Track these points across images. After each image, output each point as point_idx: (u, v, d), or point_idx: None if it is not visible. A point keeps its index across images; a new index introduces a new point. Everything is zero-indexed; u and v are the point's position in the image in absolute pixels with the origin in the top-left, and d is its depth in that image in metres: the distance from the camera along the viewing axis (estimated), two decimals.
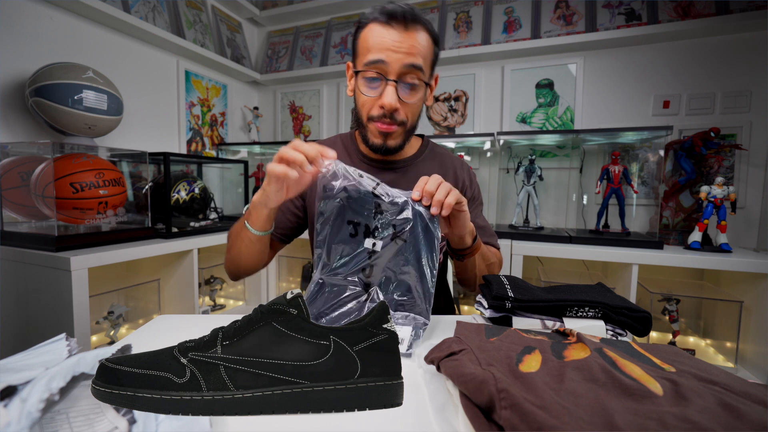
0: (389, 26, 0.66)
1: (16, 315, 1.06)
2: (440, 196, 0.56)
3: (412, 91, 0.69)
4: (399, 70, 0.66)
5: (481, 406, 0.34)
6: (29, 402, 0.27)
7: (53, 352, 0.38)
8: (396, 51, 0.65)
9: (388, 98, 0.67)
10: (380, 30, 0.66)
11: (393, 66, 0.66)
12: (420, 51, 0.67)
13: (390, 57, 0.66)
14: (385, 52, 0.65)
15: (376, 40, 0.66)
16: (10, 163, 1.11)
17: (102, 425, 0.31)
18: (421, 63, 0.67)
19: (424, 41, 0.68)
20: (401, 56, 0.66)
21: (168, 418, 0.33)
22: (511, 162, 1.63)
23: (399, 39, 0.66)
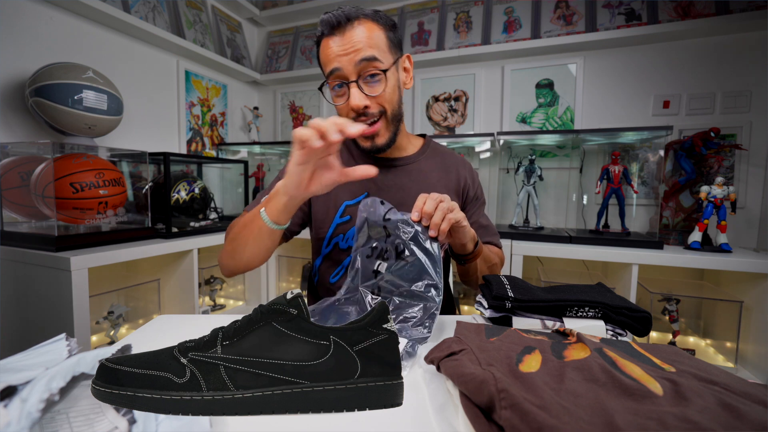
0: (332, 36, 0.69)
1: (16, 315, 1.06)
2: (437, 219, 0.58)
3: (375, 82, 0.71)
4: (355, 69, 0.68)
5: (481, 406, 0.34)
6: (29, 402, 0.27)
7: (53, 352, 0.38)
8: (345, 54, 0.68)
9: (354, 100, 0.70)
10: (327, 42, 0.70)
11: (347, 68, 0.68)
12: (366, 42, 0.68)
13: (342, 61, 0.68)
14: (336, 59, 0.69)
15: (326, 53, 0.70)
16: (10, 163, 1.12)
17: (102, 425, 0.31)
18: (373, 53, 0.68)
19: (367, 32, 0.69)
20: (350, 56, 0.68)
21: (168, 418, 0.33)
22: (511, 162, 1.63)
23: (342, 43, 0.68)
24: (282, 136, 2.20)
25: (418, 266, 0.57)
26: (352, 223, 0.79)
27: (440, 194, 0.61)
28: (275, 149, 2.04)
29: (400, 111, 0.78)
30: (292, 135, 0.52)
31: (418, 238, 0.58)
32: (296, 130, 0.51)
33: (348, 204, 0.80)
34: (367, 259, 0.63)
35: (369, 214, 0.64)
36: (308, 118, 2.12)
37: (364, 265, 0.63)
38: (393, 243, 0.61)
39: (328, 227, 0.80)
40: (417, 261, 0.57)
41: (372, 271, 0.61)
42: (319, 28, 0.71)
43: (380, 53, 0.69)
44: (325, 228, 0.81)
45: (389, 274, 0.59)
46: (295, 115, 2.16)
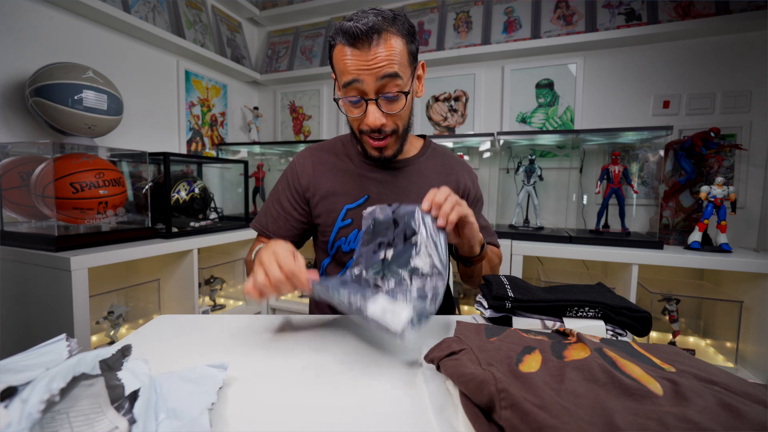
0: (353, 47, 0.65)
1: (16, 315, 1.06)
2: (446, 208, 0.57)
3: (394, 101, 0.69)
4: (375, 86, 0.66)
5: (481, 406, 0.34)
6: (30, 403, 0.27)
7: (53, 353, 0.38)
8: (367, 69, 0.65)
9: (371, 118, 0.68)
10: (346, 53, 0.66)
11: (368, 85, 0.66)
12: (391, 59, 0.65)
13: (363, 76, 0.65)
14: (356, 73, 0.66)
15: (345, 63, 0.66)
16: (10, 163, 1.12)
17: (102, 425, 0.31)
18: (396, 70, 0.66)
19: (390, 49, 0.66)
20: (374, 72, 0.65)
21: (168, 418, 0.34)
22: (511, 162, 1.63)
23: (365, 60, 0.65)
24: (282, 136, 2.20)
25: (426, 249, 0.56)
26: (353, 227, 0.80)
27: (449, 189, 0.60)
28: (275, 149, 2.04)
29: (410, 123, 0.78)
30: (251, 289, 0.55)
31: (427, 226, 0.58)
32: (247, 288, 0.54)
33: (349, 207, 0.80)
34: (374, 254, 0.63)
35: (376, 215, 0.65)
36: (308, 118, 2.12)
37: (367, 257, 0.63)
38: (401, 231, 0.60)
39: (331, 231, 0.81)
40: (425, 242, 0.56)
41: (379, 259, 0.61)
42: (335, 30, 0.67)
43: (401, 68, 0.67)
44: (328, 232, 0.81)
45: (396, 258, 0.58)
46: (295, 115, 2.16)
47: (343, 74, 0.67)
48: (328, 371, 0.47)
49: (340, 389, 0.43)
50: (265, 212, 0.86)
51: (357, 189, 0.80)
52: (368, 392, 0.42)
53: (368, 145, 0.75)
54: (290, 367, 0.48)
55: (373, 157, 0.77)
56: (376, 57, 0.65)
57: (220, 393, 0.40)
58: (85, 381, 0.35)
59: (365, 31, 0.64)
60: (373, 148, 0.75)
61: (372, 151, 0.76)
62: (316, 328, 0.61)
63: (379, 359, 0.50)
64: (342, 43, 0.66)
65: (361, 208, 0.79)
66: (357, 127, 0.74)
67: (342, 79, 0.68)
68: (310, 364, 0.48)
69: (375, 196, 0.80)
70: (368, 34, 0.64)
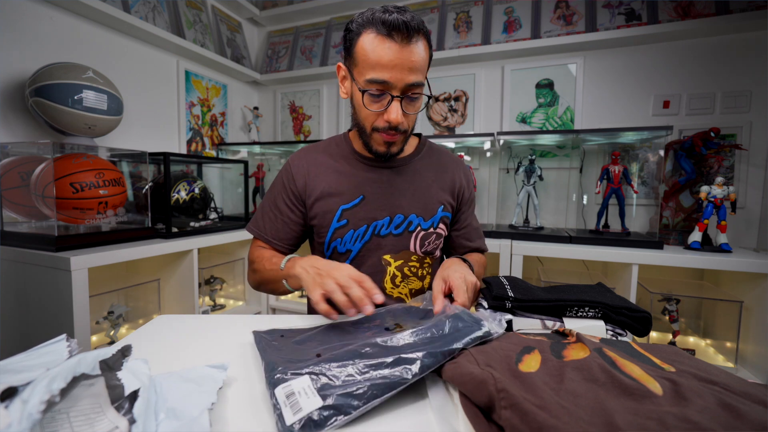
0: (390, 39, 0.64)
1: (17, 315, 1.06)
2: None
3: (414, 103, 0.71)
4: (402, 87, 0.67)
5: (481, 406, 0.34)
6: (30, 403, 0.27)
7: (54, 353, 0.38)
8: (400, 69, 0.65)
9: (394, 115, 0.69)
10: (380, 44, 0.65)
11: (397, 84, 0.67)
12: (421, 65, 0.68)
13: (393, 76, 0.66)
14: (389, 71, 0.65)
15: (377, 56, 0.65)
16: (10, 163, 1.12)
17: (102, 425, 0.31)
18: (421, 78, 0.69)
19: (423, 52, 0.68)
20: (405, 74, 0.66)
21: (168, 418, 0.34)
22: (511, 162, 1.63)
23: (401, 55, 0.65)
24: (282, 136, 2.20)
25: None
26: (349, 227, 0.80)
27: (457, 283, 0.62)
28: (275, 149, 2.04)
29: (414, 126, 0.80)
30: (315, 297, 0.59)
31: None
32: (322, 308, 0.58)
33: (344, 208, 0.80)
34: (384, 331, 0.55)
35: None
36: (308, 119, 2.12)
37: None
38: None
39: (327, 232, 0.81)
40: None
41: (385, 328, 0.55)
42: (369, 17, 0.66)
43: (424, 77, 0.70)
44: (324, 233, 0.81)
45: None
46: (295, 115, 2.16)
47: (372, 68, 0.66)
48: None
49: None
50: (261, 216, 0.86)
51: (352, 189, 0.80)
52: None
53: (377, 140, 0.75)
54: None
55: (379, 152, 0.76)
56: (411, 58, 0.66)
57: (220, 393, 0.40)
58: (86, 381, 0.35)
59: (407, 25, 0.64)
60: (383, 143, 0.74)
61: (380, 146, 0.75)
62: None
63: None
64: (376, 32, 0.65)
65: (356, 208, 0.80)
66: (371, 123, 0.73)
67: (369, 73, 0.67)
68: None
69: (371, 196, 0.80)
70: (409, 30, 0.64)
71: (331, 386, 0.38)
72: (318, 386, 0.38)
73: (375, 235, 0.80)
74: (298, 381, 0.39)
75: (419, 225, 0.82)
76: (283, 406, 0.36)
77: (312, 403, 0.36)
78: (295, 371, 0.40)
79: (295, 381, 0.39)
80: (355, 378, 0.39)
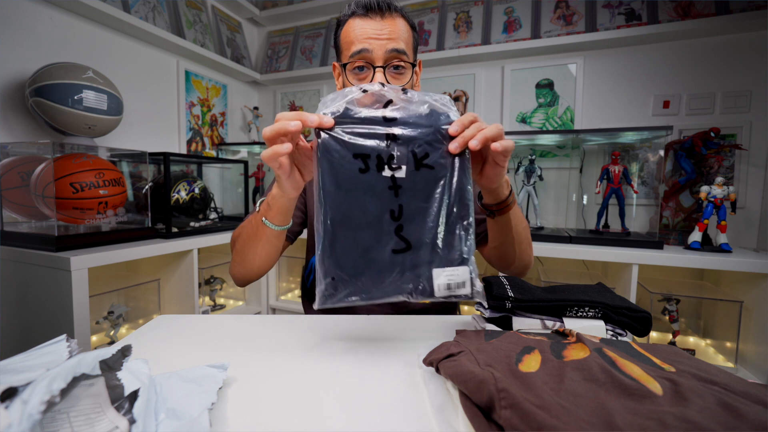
0: (367, 17, 0.68)
1: (17, 315, 1.06)
2: (469, 132, 0.46)
3: (399, 74, 0.71)
4: (384, 56, 0.68)
5: (481, 405, 0.34)
6: (30, 404, 0.27)
7: (54, 353, 0.38)
8: (378, 38, 0.68)
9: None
10: (359, 22, 0.69)
11: (377, 53, 0.68)
12: (401, 35, 0.69)
13: (373, 45, 0.68)
14: (368, 41, 0.68)
15: (357, 32, 0.69)
16: (10, 163, 1.12)
17: (102, 425, 0.31)
18: (404, 47, 0.70)
19: (403, 26, 0.71)
20: (384, 42, 0.68)
21: (168, 418, 0.34)
22: (511, 162, 1.63)
23: (379, 27, 0.68)
24: None
25: (451, 174, 0.44)
26: None
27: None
28: None
29: None
30: (266, 151, 0.49)
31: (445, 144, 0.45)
32: (262, 154, 0.49)
33: None
34: (361, 173, 0.44)
35: (348, 105, 0.46)
36: None
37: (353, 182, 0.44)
38: (406, 144, 0.45)
39: None
40: (449, 168, 0.44)
41: (388, 187, 0.44)
42: (347, 8, 0.71)
43: (408, 49, 0.71)
44: None
45: (414, 187, 0.44)
46: None
47: (353, 43, 0.69)
48: (328, 371, 0.47)
49: (340, 389, 0.43)
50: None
51: None
52: (368, 392, 0.42)
53: None
54: (290, 367, 0.48)
55: None
56: (388, 28, 0.68)
57: (220, 393, 0.40)
58: (86, 381, 0.35)
59: (380, 4, 0.68)
60: None
61: None
62: (316, 328, 0.61)
63: (378, 359, 0.50)
64: (355, 15, 0.69)
65: None
66: None
67: (350, 49, 0.69)
68: (309, 364, 0.48)
69: None
70: (381, 5, 0.68)
71: None
72: None
73: None
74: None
75: None
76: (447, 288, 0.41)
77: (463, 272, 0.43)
78: None
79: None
80: None
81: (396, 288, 0.44)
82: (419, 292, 0.43)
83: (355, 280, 0.44)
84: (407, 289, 0.44)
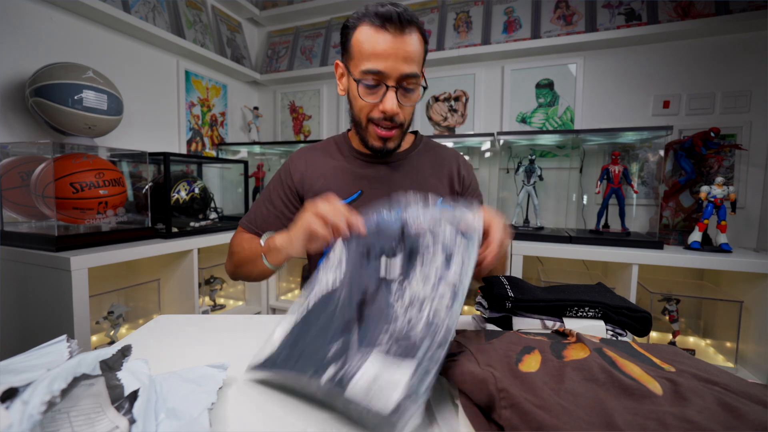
0: (384, 30, 0.66)
1: (17, 315, 1.06)
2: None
3: (409, 94, 0.71)
4: (397, 77, 0.68)
5: (481, 405, 0.34)
6: (31, 404, 0.27)
7: (54, 354, 0.38)
8: (394, 59, 0.66)
9: (389, 104, 0.69)
10: (375, 35, 0.66)
11: (392, 74, 0.67)
12: (415, 56, 0.68)
13: (388, 66, 0.66)
14: (383, 61, 0.66)
15: (371, 47, 0.66)
16: (10, 163, 1.12)
17: (103, 425, 0.31)
18: (416, 69, 0.69)
19: (418, 44, 0.69)
20: (399, 64, 0.67)
21: (168, 418, 0.34)
22: (511, 162, 1.63)
23: (395, 45, 0.66)
24: (282, 136, 2.20)
25: (444, 264, 0.43)
26: None
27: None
28: (275, 149, 2.04)
29: (412, 121, 0.80)
30: (301, 222, 0.56)
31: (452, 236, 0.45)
32: (310, 222, 0.54)
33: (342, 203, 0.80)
34: (362, 257, 0.49)
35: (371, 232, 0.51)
36: (308, 119, 2.12)
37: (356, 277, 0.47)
38: (410, 241, 0.47)
39: None
40: (443, 257, 0.43)
41: (375, 277, 0.46)
42: (363, 11, 0.68)
43: (419, 69, 0.70)
44: None
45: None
46: (295, 115, 2.16)
47: (367, 59, 0.67)
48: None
49: None
50: (254, 210, 0.85)
51: (350, 185, 0.81)
52: None
53: (373, 135, 0.74)
54: None
55: (375, 148, 0.76)
56: (405, 48, 0.67)
57: (220, 393, 0.40)
58: (86, 381, 0.35)
59: (402, 17, 0.65)
60: (378, 137, 0.74)
61: (376, 141, 0.75)
62: None
63: None
64: (370, 24, 0.66)
65: (354, 203, 0.80)
66: (366, 114, 0.73)
67: (364, 64, 0.67)
68: None
69: (368, 192, 0.80)
70: (402, 20, 0.65)
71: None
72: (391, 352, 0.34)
73: None
74: (369, 362, 0.34)
75: None
76: (368, 401, 0.32)
77: (402, 372, 0.33)
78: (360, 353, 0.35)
79: (365, 365, 0.34)
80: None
81: (317, 360, 0.39)
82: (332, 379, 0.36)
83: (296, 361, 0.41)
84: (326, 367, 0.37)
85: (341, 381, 0.35)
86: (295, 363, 0.40)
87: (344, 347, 0.38)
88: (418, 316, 0.38)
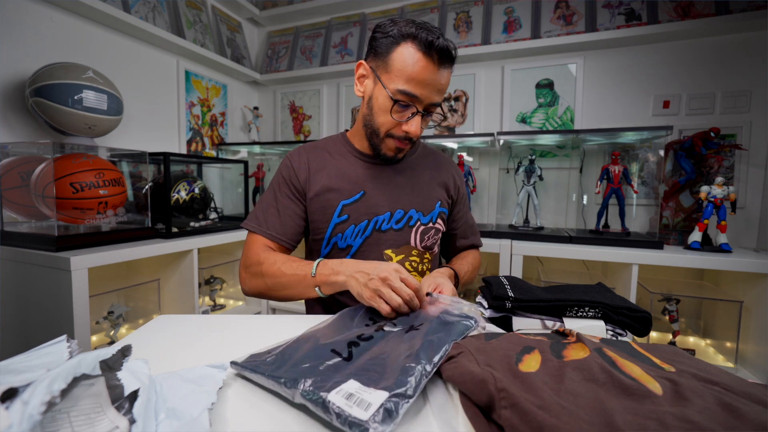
0: (429, 59, 0.68)
1: (16, 315, 1.06)
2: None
3: (429, 118, 0.77)
4: (427, 105, 0.72)
5: (481, 405, 0.34)
6: (31, 404, 0.27)
7: (54, 354, 0.38)
8: (431, 89, 0.70)
9: (414, 127, 0.73)
10: (420, 61, 0.68)
11: (424, 101, 0.71)
12: (446, 88, 0.74)
13: (424, 94, 0.70)
14: (422, 88, 0.70)
15: (415, 71, 0.69)
16: (10, 163, 1.12)
17: (103, 425, 0.31)
18: (441, 101, 0.74)
19: (449, 76, 0.74)
20: (433, 94, 0.71)
21: (168, 418, 0.34)
22: (511, 162, 1.63)
23: (435, 77, 0.70)
24: (282, 136, 2.20)
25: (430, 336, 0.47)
26: (350, 222, 0.80)
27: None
28: (275, 149, 2.04)
29: None
30: (376, 286, 0.58)
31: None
32: (389, 296, 0.57)
33: (345, 203, 0.80)
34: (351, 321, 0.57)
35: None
36: (308, 119, 2.12)
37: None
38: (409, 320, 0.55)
39: (327, 227, 0.81)
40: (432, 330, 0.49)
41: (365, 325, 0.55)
42: (412, 28, 0.69)
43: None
44: (323, 229, 0.81)
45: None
46: (295, 115, 2.16)
47: (406, 81, 0.69)
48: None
49: None
50: (262, 213, 0.83)
51: (353, 185, 0.81)
52: None
53: (389, 146, 0.78)
54: None
55: (387, 156, 0.80)
56: (441, 80, 0.71)
57: (220, 393, 0.40)
58: (86, 381, 0.35)
59: (446, 50, 0.69)
60: (395, 149, 0.78)
61: (390, 151, 0.79)
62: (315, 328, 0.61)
63: None
64: (417, 48, 0.68)
65: (357, 203, 0.80)
66: (387, 129, 0.76)
67: (401, 84, 0.70)
68: None
69: (371, 192, 0.81)
70: (447, 55, 0.70)
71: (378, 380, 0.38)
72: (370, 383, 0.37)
73: (376, 230, 0.81)
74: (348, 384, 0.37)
75: (419, 220, 0.83)
76: (348, 407, 0.34)
77: (378, 396, 0.35)
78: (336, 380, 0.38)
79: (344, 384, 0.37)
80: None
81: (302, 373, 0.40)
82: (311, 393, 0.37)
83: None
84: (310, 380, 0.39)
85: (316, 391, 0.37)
86: (275, 369, 0.42)
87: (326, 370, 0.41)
88: (398, 362, 0.41)
